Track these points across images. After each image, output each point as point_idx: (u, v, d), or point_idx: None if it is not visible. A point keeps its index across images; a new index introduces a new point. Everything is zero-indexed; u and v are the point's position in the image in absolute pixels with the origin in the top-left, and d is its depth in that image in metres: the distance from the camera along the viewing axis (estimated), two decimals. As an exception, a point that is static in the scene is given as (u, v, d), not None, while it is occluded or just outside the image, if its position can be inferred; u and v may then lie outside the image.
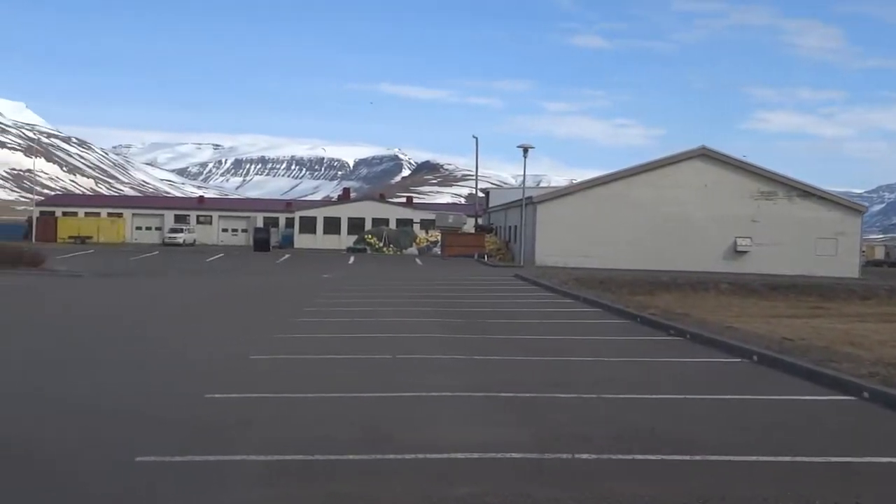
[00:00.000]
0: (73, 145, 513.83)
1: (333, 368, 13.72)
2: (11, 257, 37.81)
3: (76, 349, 15.70)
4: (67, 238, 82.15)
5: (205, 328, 19.40)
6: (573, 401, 11.41)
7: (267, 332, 18.19)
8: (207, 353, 15.21)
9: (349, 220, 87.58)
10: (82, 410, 10.38)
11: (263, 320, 21.01)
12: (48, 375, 12.72)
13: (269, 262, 53.20)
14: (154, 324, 20.26)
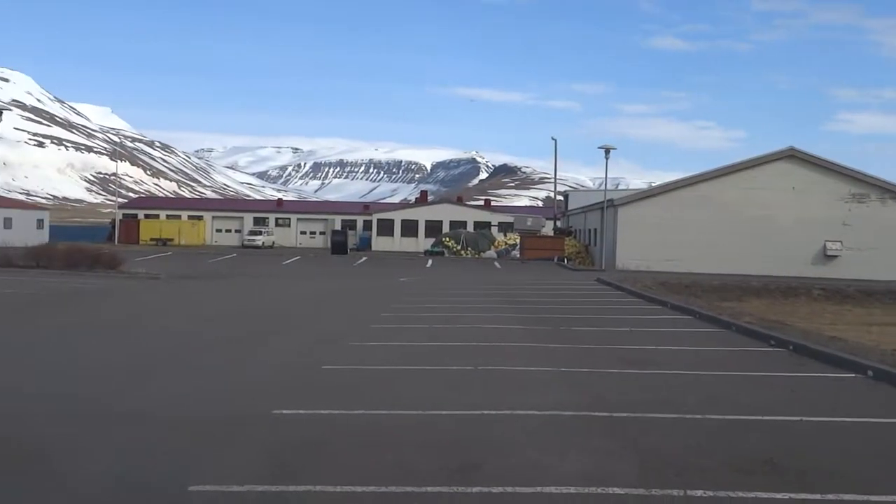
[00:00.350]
0: (157, 149, 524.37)
1: (411, 381, 12.75)
2: (89, 259, 37.79)
3: (138, 357, 15.01)
4: (149, 240, 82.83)
5: (275, 335, 18.63)
6: (677, 423, 10.26)
7: (341, 340, 17.35)
8: (278, 362, 14.39)
9: (426, 223, 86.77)
10: (134, 421, 9.60)
11: (338, 327, 20.19)
12: (99, 384, 12.00)
13: (345, 265, 52.67)
14: (222, 329, 19.56)
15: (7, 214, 72.48)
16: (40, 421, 9.79)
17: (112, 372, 13.29)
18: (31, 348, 16.06)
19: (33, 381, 12.38)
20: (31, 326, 19.55)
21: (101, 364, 14.06)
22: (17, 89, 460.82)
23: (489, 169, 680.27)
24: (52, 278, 33.65)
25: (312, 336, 18.27)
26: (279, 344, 16.92)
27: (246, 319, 21.96)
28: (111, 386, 12.07)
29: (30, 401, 10.95)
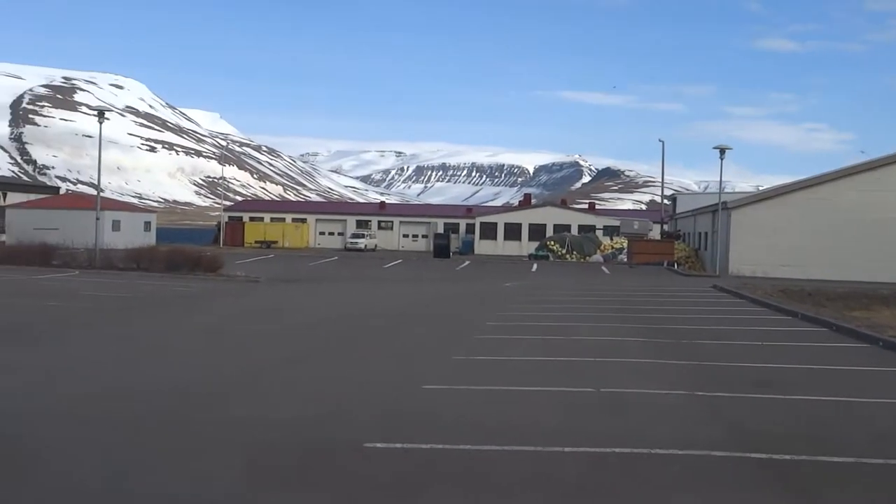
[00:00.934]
0: (264, 153, 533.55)
1: (525, 407, 11.13)
2: (190, 262, 37.22)
3: (215, 371, 13.78)
4: (254, 242, 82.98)
5: (372, 346, 17.24)
6: (850, 469, 8.42)
7: (444, 353, 15.86)
8: (373, 380, 12.95)
9: (530, 226, 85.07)
10: (196, 452, 8.25)
11: (440, 337, 18.72)
12: (163, 406, 10.74)
13: (448, 270, 51.27)
14: (315, 339, 18.28)
15: (116, 217, 73.12)
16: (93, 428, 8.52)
17: (179, 392, 12.05)
18: (95, 358, 15.03)
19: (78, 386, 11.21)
20: (107, 335, 18.60)
21: (169, 384, 12.85)
22: (130, 96, 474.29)
23: (592, 172, 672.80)
24: (150, 281, 33.10)
25: (412, 348, 16.84)
26: (376, 357, 15.52)
27: (341, 327, 20.66)
28: (172, 412, 10.80)
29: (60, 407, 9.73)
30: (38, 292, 26.82)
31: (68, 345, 16.68)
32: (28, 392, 11.69)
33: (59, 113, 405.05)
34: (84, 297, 25.97)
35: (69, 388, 12.14)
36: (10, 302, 23.88)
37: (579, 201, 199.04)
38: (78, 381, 12.65)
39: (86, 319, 20.68)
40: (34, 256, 38.00)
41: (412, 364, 14.60)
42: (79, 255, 39.16)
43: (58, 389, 11.99)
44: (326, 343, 17.60)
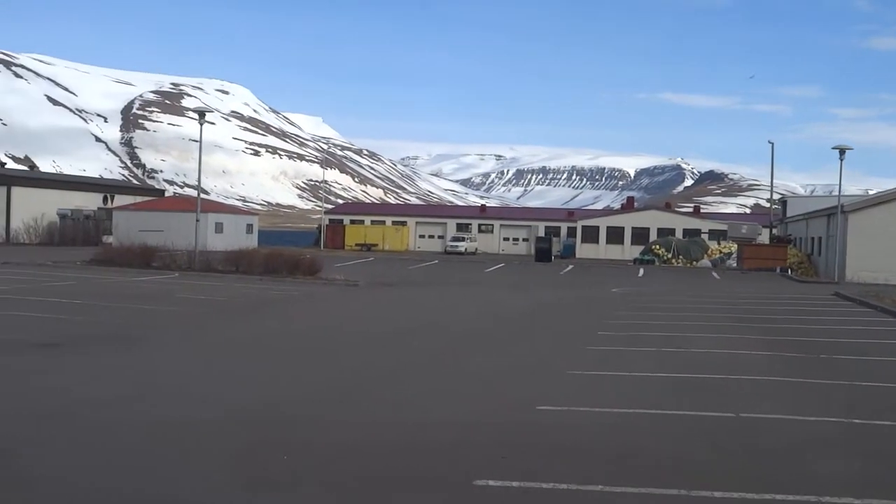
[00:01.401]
0: (365, 157, 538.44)
1: (659, 434, 9.72)
2: (288, 265, 36.55)
3: (298, 386, 12.69)
4: (354, 245, 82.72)
5: (478, 358, 15.98)
6: None
7: (556, 366, 14.52)
8: (481, 400, 11.68)
9: (633, 230, 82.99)
10: (277, 487, 7.11)
11: (550, 348, 17.37)
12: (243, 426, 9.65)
13: (551, 274, 49.70)
14: (412, 351, 17.11)
15: (218, 219, 73.60)
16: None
17: (267, 409, 10.97)
18: (183, 367, 14.12)
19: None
20: (198, 340, 17.76)
21: (258, 399, 11.79)
22: (236, 101, 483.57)
23: (694, 175, 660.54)
24: (248, 284, 32.48)
25: (521, 360, 15.53)
26: (481, 371, 14.24)
27: (442, 336, 19.47)
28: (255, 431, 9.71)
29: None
30: (135, 295, 26.35)
31: (160, 352, 15.88)
32: (116, 403, 10.79)
33: (167, 118, 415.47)
34: (180, 300, 25.39)
35: (157, 403, 11.20)
36: (105, 305, 23.38)
37: (681, 205, 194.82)
38: (168, 396, 11.72)
39: (179, 324, 19.96)
40: (135, 258, 37.89)
41: (523, 379, 13.31)
42: (178, 257, 38.92)
43: (146, 404, 11.06)
44: (429, 354, 16.42)
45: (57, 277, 31.86)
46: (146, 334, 17.95)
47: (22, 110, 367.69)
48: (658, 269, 58.67)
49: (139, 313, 21.70)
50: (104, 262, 38.35)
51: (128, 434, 9.26)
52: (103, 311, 21.92)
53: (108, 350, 15.79)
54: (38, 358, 14.75)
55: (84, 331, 18.06)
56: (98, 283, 30.37)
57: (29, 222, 69.68)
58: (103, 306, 22.93)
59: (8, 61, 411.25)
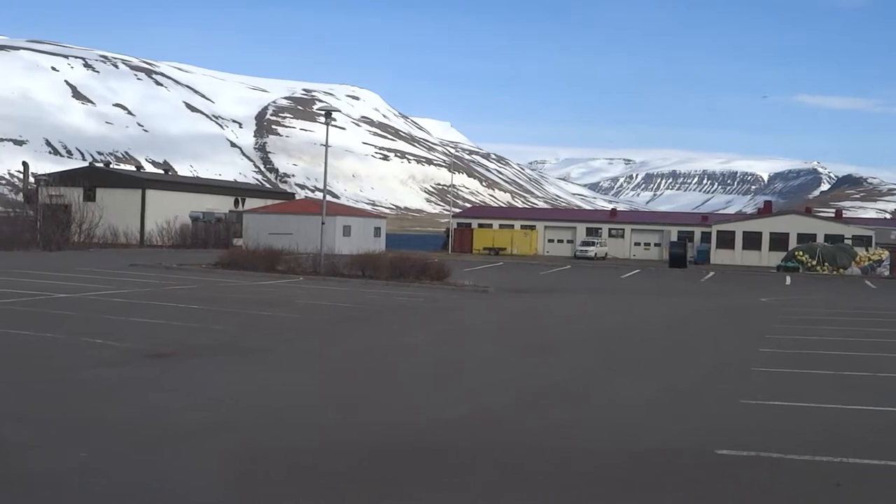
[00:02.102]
0: (493, 161, 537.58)
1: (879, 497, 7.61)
2: (416, 269, 35.08)
3: (421, 409, 10.94)
4: (482, 249, 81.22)
5: (629, 380, 14.00)
6: None
7: (726, 393, 12.43)
8: (642, 436, 9.73)
9: (771, 235, 79.15)
10: None
11: (713, 368, 15.26)
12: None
13: (691, 281, 46.88)
14: (546, 368, 15.24)
15: (346, 222, 73.24)
16: None
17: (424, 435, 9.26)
18: (297, 380, 12.59)
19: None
20: (317, 351, 16.28)
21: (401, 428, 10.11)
22: (366, 106, 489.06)
23: (831, 180, 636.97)
24: (373, 289, 31.11)
25: (680, 382, 13.47)
26: (641, 395, 12.25)
27: (586, 353, 17.53)
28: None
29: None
30: (256, 300, 25.22)
31: (273, 365, 14.47)
32: (204, 431, 9.31)
33: (299, 123, 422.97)
34: (301, 306, 24.13)
35: (249, 431, 9.66)
36: (223, 311, 22.26)
37: (817, 210, 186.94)
38: (264, 426, 10.19)
39: (298, 333, 18.57)
40: (259, 261, 37.02)
41: (691, 409, 11.30)
42: (303, 261, 37.90)
43: (237, 432, 9.53)
44: (577, 373, 14.53)
45: (180, 281, 31.17)
46: (261, 344, 16.61)
47: (162, 117, 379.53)
48: (805, 278, 55.02)
49: (257, 320, 20.45)
50: (229, 265, 37.63)
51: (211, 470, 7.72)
52: (220, 317, 20.77)
53: (216, 363, 14.49)
54: (144, 370, 13.52)
55: (197, 340, 16.86)
56: (220, 287, 29.48)
57: (162, 225, 70.49)
58: (221, 312, 21.80)
59: (149, 69, 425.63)
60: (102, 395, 11.49)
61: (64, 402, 11.02)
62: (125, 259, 43.22)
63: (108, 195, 72.43)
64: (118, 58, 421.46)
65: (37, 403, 10.89)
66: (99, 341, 16.00)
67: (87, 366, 13.62)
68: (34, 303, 22.19)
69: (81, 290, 26.14)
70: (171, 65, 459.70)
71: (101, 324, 18.64)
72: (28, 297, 23.22)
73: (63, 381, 12.38)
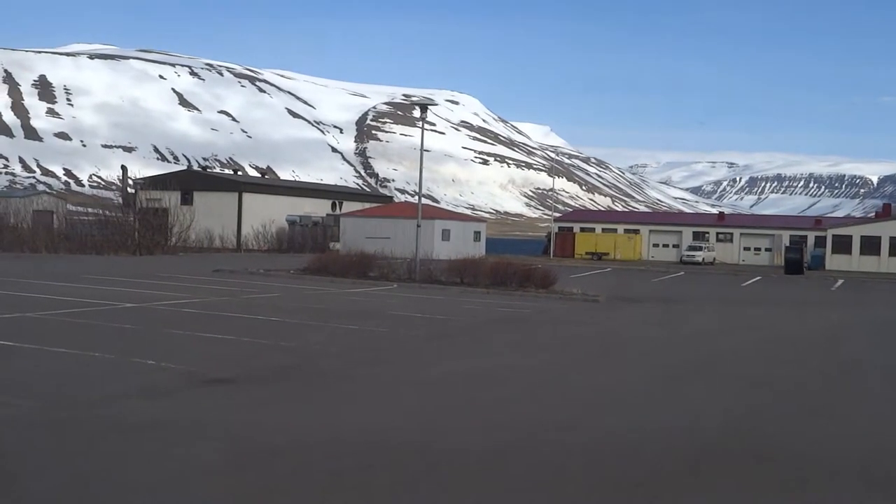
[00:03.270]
0: (592, 165, 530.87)
1: None
2: (519, 276, 32.10)
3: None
4: (584, 254, 78.63)
5: (801, 424, 10.83)
6: None
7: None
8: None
9: (891, 240, 74.48)
10: None
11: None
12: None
13: (820, 289, 42.67)
14: (695, 404, 12.13)
15: (445, 226, 70.85)
16: None
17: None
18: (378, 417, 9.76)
19: None
20: (401, 378, 13.48)
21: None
22: (465, 111, 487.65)
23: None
24: (473, 298, 28.26)
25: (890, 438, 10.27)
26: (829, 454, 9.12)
27: (738, 383, 14.34)
28: None
29: None
30: (342, 311, 22.61)
31: (348, 396, 11.71)
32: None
33: (399, 129, 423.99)
34: (392, 318, 21.41)
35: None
36: (303, 323, 19.67)
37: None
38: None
39: (385, 352, 15.82)
40: (350, 267, 34.50)
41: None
42: (398, 267, 35.16)
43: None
44: (717, 410, 11.42)
45: (262, 288, 28.77)
46: (339, 366, 13.91)
47: (265, 123, 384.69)
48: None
49: (339, 335, 17.78)
50: (318, 270, 35.18)
51: None
52: (299, 331, 18.16)
53: (282, 392, 11.83)
54: (190, 404, 10.91)
55: (267, 360, 14.27)
56: (305, 295, 27.00)
57: (258, 229, 69.14)
58: (300, 325, 19.21)
59: (252, 77, 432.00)
60: (118, 446, 8.85)
61: (62, 453, 8.42)
62: (214, 264, 41.25)
63: (205, 199, 71.63)
64: (223, 66, 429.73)
65: (30, 450, 8.34)
66: (151, 363, 13.51)
67: (124, 395, 11.08)
68: (92, 314, 19.85)
69: (153, 298, 23.91)
70: (273, 72, 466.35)
71: (160, 340, 16.19)
72: (89, 307, 20.94)
73: (79, 419, 9.81)
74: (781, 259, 78.33)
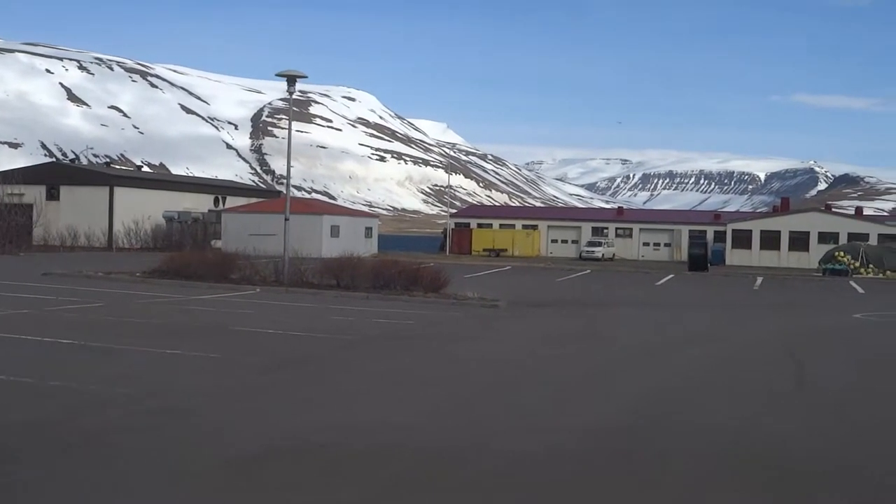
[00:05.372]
0: (489, 162, 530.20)
1: None
2: (405, 278, 27.27)
3: None
4: (482, 251, 75.66)
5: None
6: None
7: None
8: None
9: (790, 235, 73.05)
10: None
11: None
12: None
13: (741, 289, 38.59)
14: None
15: (334, 222, 65.94)
16: None
17: None
18: None
19: None
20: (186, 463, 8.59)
21: None
22: (362, 108, 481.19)
23: (828, 179, 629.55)
24: (347, 305, 23.31)
25: None
26: None
27: (705, 456, 9.87)
28: None
29: None
30: (172, 327, 17.48)
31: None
32: None
33: (295, 125, 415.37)
34: (233, 336, 16.41)
35: None
36: (106, 347, 14.55)
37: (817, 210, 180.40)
38: None
39: (189, 399, 10.82)
40: (208, 269, 29.09)
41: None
42: (264, 268, 29.76)
43: None
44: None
45: (88, 296, 23.27)
46: (107, 432, 8.90)
47: (158, 119, 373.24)
48: (878, 286, 46.26)
49: (134, 370, 12.63)
50: (168, 273, 29.56)
51: None
52: (78, 364, 13.06)
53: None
54: None
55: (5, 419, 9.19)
56: (136, 305, 21.66)
57: (130, 226, 63.19)
58: (97, 351, 14.06)
59: (144, 71, 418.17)
60: None
61: None
62: (60, 265, 35.27)
63: (73, 193, 65.60)
64: (113, 60, 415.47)
65: None
66: None
67: None
68: None
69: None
70: (166, 67, 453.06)
71: None
72: None
73: None
74: (681, 254, 76.22)
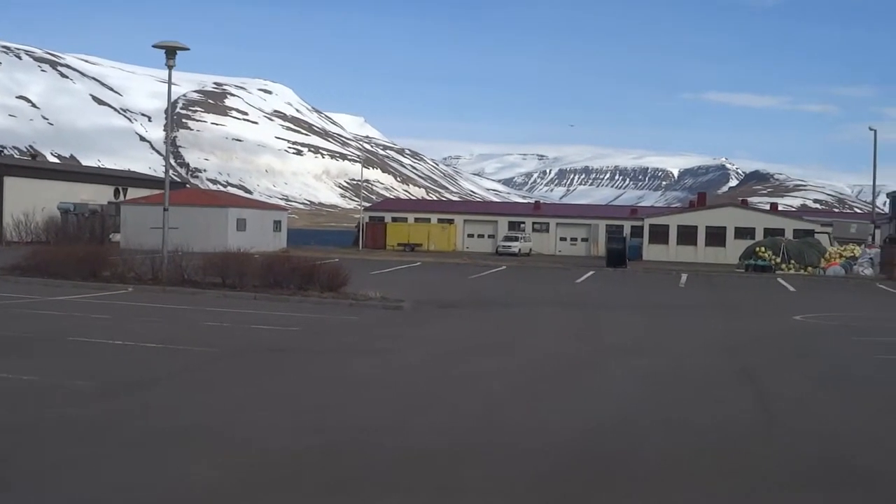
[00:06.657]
0: (407, 157, 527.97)
1: None
2: (299, 276, 24.24)
3: None
4: (396, 245, 73.97)
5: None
6: None
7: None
8: None
9: (707, 230, 72.16)
10: None
11: None
12: None
13: (668, 287, 36.11)
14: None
15: (240, 215, 62.47)
16: None
17: None
18: None
19: None
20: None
21: None
22: (278, 101, 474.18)
23: (739, 176, 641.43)
24: (230, 308, 20.32)
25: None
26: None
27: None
28: None
29: None
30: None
31: None
32: None
33: (210, 118, 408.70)
34: (72, 350, 13.38)
35: None
36: None
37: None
38: None
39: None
40: (76, 265, 25.66)
41: None
42: (139, 265, 26.41)
43: None
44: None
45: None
46: None
47: (69, 110, 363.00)
48: (813, 284, 44.22)
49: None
50: (31, 269, 26.01)
51: None
52: None
53: None
54: None
55: None
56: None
57: (19, 218, 58.95)
58: None
59: (54, 61, 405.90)
60: None
61: None
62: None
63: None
64: (21, 49, 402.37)
65: None
66: None
67: None
68: None
69: None
70: (77, 57, 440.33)
71: None
72: None
73: None
74: (599, 249, 74.70)
